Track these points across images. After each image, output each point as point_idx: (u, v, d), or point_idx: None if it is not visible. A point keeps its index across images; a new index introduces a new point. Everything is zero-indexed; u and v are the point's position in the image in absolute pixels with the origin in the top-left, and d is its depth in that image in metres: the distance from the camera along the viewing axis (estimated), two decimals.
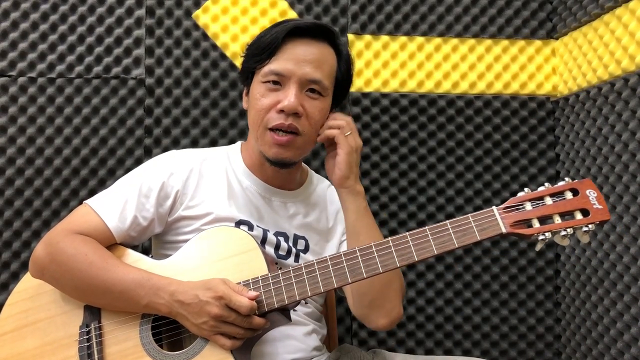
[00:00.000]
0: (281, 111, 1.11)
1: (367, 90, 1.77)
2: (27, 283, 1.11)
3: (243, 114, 1.71)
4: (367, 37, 1.78)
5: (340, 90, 1.22)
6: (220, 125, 1.72)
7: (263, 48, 1.14)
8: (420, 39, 1.80)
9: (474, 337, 1.77)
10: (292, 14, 1.74)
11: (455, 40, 1.81)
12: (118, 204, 1.12)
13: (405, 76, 1.79)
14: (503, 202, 1.84)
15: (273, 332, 1.08)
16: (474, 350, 1.77)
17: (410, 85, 1.79)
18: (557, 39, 1.83)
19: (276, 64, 1.12)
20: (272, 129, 1.13)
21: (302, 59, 1.12)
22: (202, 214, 1.15)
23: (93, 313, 1.06)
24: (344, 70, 1.21)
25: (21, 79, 1.66)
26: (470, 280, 1.78)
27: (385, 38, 1.79)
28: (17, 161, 1.65)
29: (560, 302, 1.78)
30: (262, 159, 1.17)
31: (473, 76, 1.80)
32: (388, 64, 1.78)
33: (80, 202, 1.17)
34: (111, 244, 1.11)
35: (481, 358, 1.22)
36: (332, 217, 1.29)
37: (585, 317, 1.65)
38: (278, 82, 1.13)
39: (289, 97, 1.10)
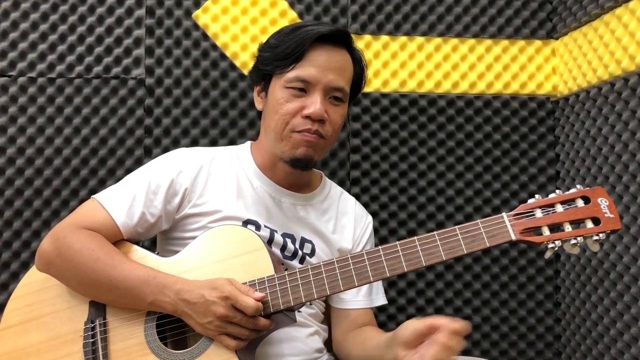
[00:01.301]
0: (307, 117, 1.12)
1: (367, 90, 1.76)
2: (33, 277, 1.11)
3: (243, 114, 1.71)
4: (367, 37, 1.78)
5: (352, 92, 1.25)
6: (220, 125, 1.72)
7: (287, 54, 1.14)
8: (420, 39, 1.80)
9: (474, 337, 1.77)
10: (292, 14, 1.73)
11: (455, 40, 1.81)
12: (126, 199, 1.12)
13: (405, 76, 1.78)
14: (503, 202, 1.83)
15: (278, 333, 1.08)
16: (474, 350, 1.77)
17: (410, 85, 1.79)
18: (557, 39, 1.83)
19: (302, 71, 1.13)
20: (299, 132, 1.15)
21: (327, 66, 1.14)
22: (210, 211, 1.15)
23: (98, 309, 1.06)
24: (359, 74, 1.25)
25: (21, 79, 1.65)
26: (470, 280, 1.78)
27: (385, 38, 1.79)
28: (17, 161, 1.64)
29: (560, 302, 1.78)
30: (277, 159, 1.18)
31: (473, 76, 1.80)
32: (388, 64, 1.78)
33: (81, 202, 1.16)
34: (118, 239, 1.11)
35: (481, 358, 1.22)
36: (340, 230, 1.30)
37: (585, 317, 1.65)
38: (303, 88, 1.14)
39: (315, 104, 1.12)
